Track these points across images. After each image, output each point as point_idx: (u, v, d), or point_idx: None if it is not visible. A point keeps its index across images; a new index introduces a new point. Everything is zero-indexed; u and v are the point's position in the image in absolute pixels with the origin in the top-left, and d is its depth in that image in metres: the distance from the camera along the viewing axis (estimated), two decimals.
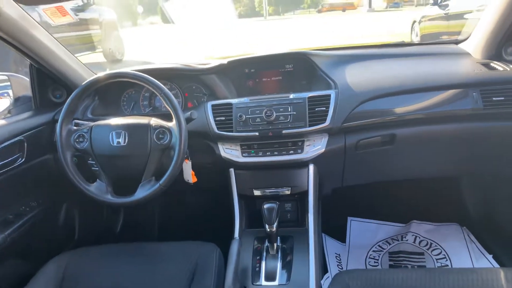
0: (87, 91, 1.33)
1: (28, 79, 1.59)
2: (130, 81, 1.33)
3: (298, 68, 1.60)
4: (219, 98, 1.57)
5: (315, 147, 1.41)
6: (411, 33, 6.85)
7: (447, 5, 5.99)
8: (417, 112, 1.40)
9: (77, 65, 1.59)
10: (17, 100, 1.58)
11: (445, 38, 5.65)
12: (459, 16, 5.55)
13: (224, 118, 1.44)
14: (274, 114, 1.39)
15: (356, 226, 1.97)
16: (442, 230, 1.85)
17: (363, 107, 1.39)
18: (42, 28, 1.37)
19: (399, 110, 1.40)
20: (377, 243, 1.87)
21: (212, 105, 1.46)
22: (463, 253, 1.70)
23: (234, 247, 1.28)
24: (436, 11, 6.47)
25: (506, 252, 1.64)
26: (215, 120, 1.44)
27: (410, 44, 1.76)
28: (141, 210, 1.88)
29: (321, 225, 1.52)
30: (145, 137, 1.28)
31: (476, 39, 1.54)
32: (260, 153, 1.43)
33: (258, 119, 1.41)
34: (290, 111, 1.40)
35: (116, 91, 1.67)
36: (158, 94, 1.28)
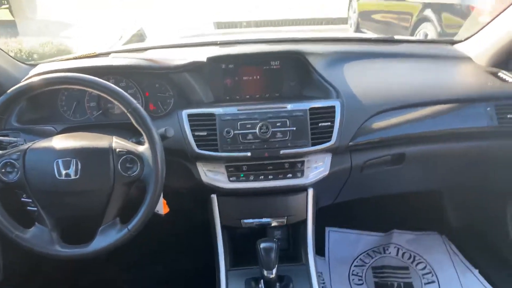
0: (14, 102, 0.93)
1: None
2: (79, 88, 0.96)
3: (286, 66, 1.32)
4: (191, 100, 1.25)
5: (317, 170, 1.18)
6: (349, 8, 6.79)
7: None
8: (430, 128, 1.23)
9: None
10: None
11: (382, 17, 5.68)
12: None
13: (206, 134, 1.13)
14: (271, 130, 1.12)
15: (335, 237, 1.82)
16: (423, 241, 1.78)
17: (371, 121, 1.19)
18: None
19: (410, 125, 1.22)
20: (359, 256, 1.75)
21: (189, 115, 1.14)
22: (448, 267, 1.65)
23: None
24: None
25: (491, 266, 1.61)
26: (193, 136, 1.13)
27: (401, 41, 1.58)
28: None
29: None
30: (105, 168, 0.93)
31: (482, 44, 1.40)
32: (252, 177, 1.17)
33: (250, 136, 1.13)
34: (289, 126, 1.14)
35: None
36: (124, 110, 0.93)
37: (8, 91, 0.92)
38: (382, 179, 1.37)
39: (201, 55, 1.24)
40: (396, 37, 1.60)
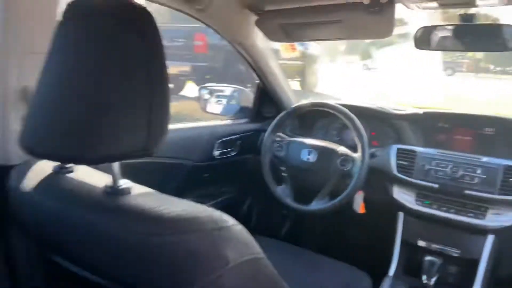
0: (293, 113, 1.63)
1: (250, 94, 2.03)
2: (328, 111, 1.56)
3: (501, 134, 1.47)
4: (405, 143, 1.62)
5: (500, 217, 1.32)
6: None
7: None
8: None
9: (290, 90, 1.93)
10: (241, 108, 2.04)
11: None
12: None
13: (406, 163, 1.49)
14: (460, 171, 1.37)
15: None
16: None
17: None
18: (275, 58, 1.75)
19: None
20: None
21: (398, 149, 1.54)
22: None
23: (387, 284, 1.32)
24: None
25: None
26: (397, 163, 1.51)
27: None
28: (310, 220, 2.07)
29: None
30: (330, 160, 1.48)
31: None
32: (435, 206, 1.42)
33: (441, 172, 1.40)
34: (479, 174, 1.34)
35: (312, 117, 1.94)
36: (351, 126, 1.46)
37: (291, 106, 1.63)
38: None
39: (420, 110, 1.64)
40: None
